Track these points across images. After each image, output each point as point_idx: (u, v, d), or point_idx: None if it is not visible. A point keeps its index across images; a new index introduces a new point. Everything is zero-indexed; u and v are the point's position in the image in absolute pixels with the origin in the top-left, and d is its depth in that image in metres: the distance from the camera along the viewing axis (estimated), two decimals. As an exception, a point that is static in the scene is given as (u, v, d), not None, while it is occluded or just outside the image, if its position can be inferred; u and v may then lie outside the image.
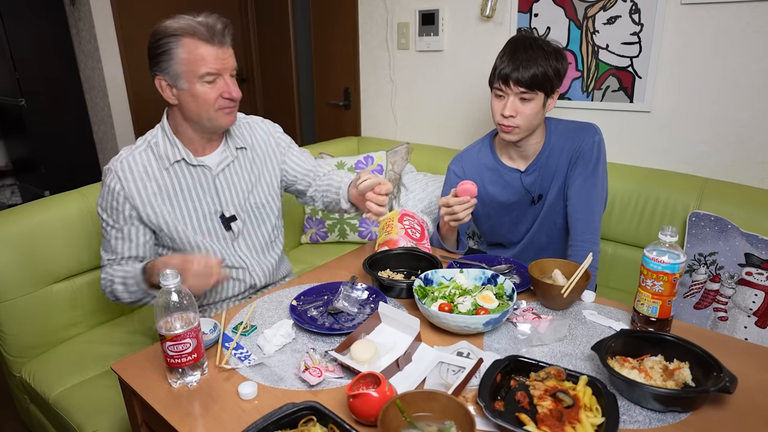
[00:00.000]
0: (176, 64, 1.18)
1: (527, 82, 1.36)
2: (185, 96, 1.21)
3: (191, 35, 1.17)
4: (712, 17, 1.68)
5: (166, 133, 1.29)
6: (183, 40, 1.17)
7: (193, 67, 1.18)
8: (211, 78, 1.20)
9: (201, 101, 1.21)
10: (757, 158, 1.71)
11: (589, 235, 1.47)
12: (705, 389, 0.83)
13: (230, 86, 1.23)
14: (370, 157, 2.35)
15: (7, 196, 4.45)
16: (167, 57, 1.18)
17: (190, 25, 1.17)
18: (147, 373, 0.97)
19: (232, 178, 1.36)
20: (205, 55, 1.18)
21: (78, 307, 1.68)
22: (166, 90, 1.22)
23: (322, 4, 2.91)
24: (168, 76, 1.20)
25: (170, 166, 1.28)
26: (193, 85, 1.19)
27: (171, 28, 1.18)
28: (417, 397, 0.80)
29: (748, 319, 1.48)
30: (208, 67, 1.18)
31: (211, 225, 1.34)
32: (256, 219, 1.42)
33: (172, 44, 1.17)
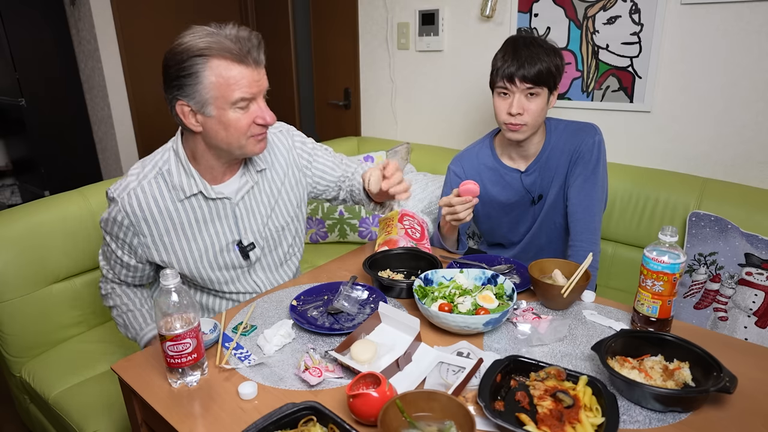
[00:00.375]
0: (204, 88, 1.03)
1: (533, 77, 1.37)
2: (213, 123, 1.07)
3: (222, 55, 1.01)
4: (712, 17, 1.68)
5: (181, 161, 1.15)
6: (212, 62, 1.01)
7: (224, 92, 1.03)
8: (244, 104, 1.06)
9: (232, 129, 1.07)
10: (757, 158, 1.71)
11: (589, 235, 1.47)
12: (705, 389, 0.83)
13: (264, 111, 1.09)
14: (370, 157, 2.35)
15: (7, 196, 4.45)
16: (193, 80, 1.02)
17: (219, 43, 1.01)
18: (147, 373, 0.97)
19: (251, 205, 1.25)
20: (239, 78, 1.03)
21: (78, 307, 1.68)
22: (189, 117, 1.07)
23: (322, 4, 2.91)
24: (193, 102, 1.05)
25: (185, 199, 1.16)
26: (223, 111, 1.05)
27: (197, 47, 1.01)
28: (417, 397, 0.80)
29: (748, 319, 1.48)
30: (242, 91, 1.04)
31: (227, 256, 1.24)
32: (273, 241, 1.32)
33: (198, 66, 1.01)
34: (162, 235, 1.17)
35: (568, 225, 1.52)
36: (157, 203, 1.15)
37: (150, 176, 1.16)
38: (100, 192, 1.73)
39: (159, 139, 1.29)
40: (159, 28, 3.17)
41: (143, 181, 1.15)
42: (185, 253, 1.20)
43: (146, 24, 3.12)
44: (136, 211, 1.14)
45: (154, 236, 1.17)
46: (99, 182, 1.80)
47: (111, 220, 1.17)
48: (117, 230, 1.17)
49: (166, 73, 1.06)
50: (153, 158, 1.19)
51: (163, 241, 1.18)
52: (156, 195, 1.15)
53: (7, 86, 3.48)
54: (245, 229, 1.25)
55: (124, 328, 1.28)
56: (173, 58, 1.03)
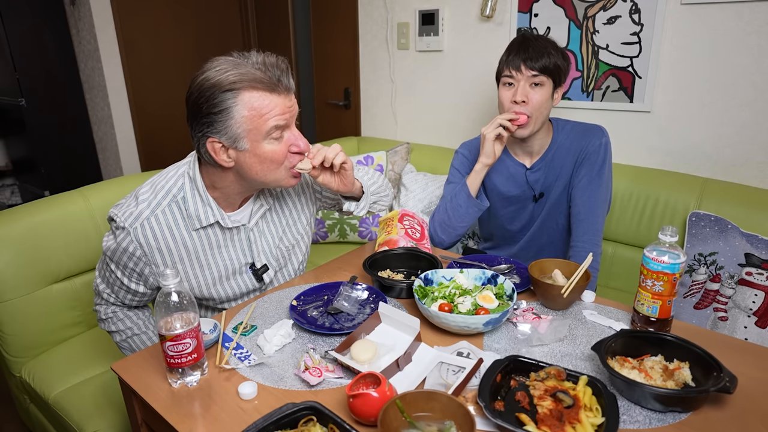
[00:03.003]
0: (236, 123, 0.99)
1: (540, 66, 1.39)
2: (247, 158, 1.03)
3: (253, 86, 0.98)
4: (712, 17, 1.68)
5: (198, 190, 1.10)
6: (243, 95, 0.98)
7: (258, 124, 0.99)
8: (278, 133, 1.03)
9: (269, 162, 1.04)
10: (757, 158, 1.71)
11: (591, 237, 1.47)
12: (705, 389, 0.83)
13: (298, 138, 1.06)
14: (370, 157, 2.35)
15: (7, 196, 4.45)
16: (224, 116, 0.98)
17: (249, 74, 0.97)
18: (147, 373, 0.97)
19: (264, 227, 1.24)
20: (272, 107, 1.00)
21: (78, 307, 1.68)
22: (220, 153, 1.03)
23: (322, 4, 2.91)
24: (225, 138, 1.00)
25: (201, 229, 1.13)
26: (258, 144, 1.01)
27: (227, 81, 0.97)
28: (417, 397, 0.80)
29: (748, 319, 1.47)
30: (275, 120, 1.00)
31: (240, 279, 1.23)
32: (284, 260, 1.31)
33: (230, 101, 0.97)
34: (176, 263, 1.14)
35: (571, 225, 1.52)
36: (171, 233, 1.11)
37: (164, 204, 1.10)
38: (100, 192, 1.72)
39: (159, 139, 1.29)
40: (159, 29, 3.17)
41: (157, 210, 1.09)
42: (198, 279, 1.18)
43: (146, 24, 3.12)
44: (150, 242, 1.09)
45: (168, 264, 1.13)
46: (99, 182, 1.80)
47: (120, 251, 1.10)
48: (126, 260, 1.12)
49: (194, 110, 1.01)
50: (165, 184, 1.12)
51: (176, 268, 1.14)
52: (171, 224, 1.10)
53: (7, 86, 3.48)
54: (258, 252, 1.24)
55: (130, 352, 1.26)
56: (202, 95, 0.98)
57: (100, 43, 2.99)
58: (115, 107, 3.12)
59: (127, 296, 1.21)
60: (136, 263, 1.12)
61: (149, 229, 1.08)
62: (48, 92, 3.37)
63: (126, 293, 1.20)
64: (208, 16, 3.34)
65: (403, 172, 2.38)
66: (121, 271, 1.15)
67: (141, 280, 1.16)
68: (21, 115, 3.43)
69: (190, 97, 1.02)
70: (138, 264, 1.12)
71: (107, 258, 1.15)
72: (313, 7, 2.97)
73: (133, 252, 1.10)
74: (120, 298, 1.22)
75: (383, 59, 2.67)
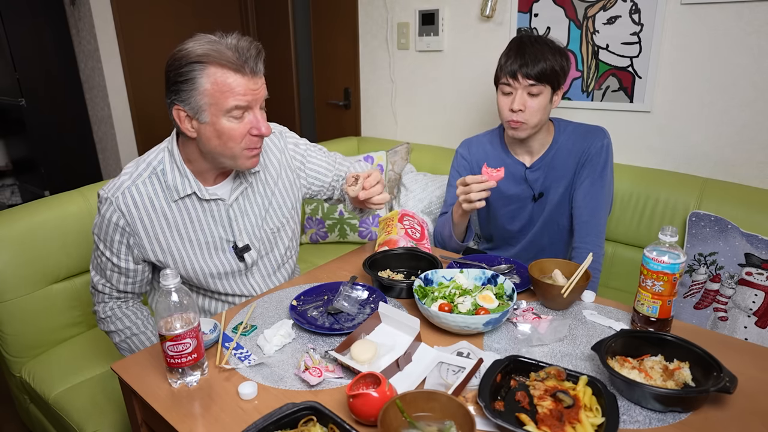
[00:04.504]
0: (199, 95, 1.03)
1: (536, 74, 1.37)
2: (207, 130, 1.07)
3: (219, 63, 1.02)
4: (712, 17, 1.68)
5: (176, 162, 1.15)
6: (209, 69, 1.02)
7: (219, 100, 1.03)
8: (239, 113, 1.06)
9: (226, 138, 1.07)
10: (757, 158, 1.71)
11: (594, 238, 1.47)
12: (705, 389, 0.83)
13: (260, 121, 1.09)
14: (370, 157, 2.35)
15: (7, 196, 4.45)
16: (189, 86, 1.03)
17: (218, 51, 1.02)
18: (147, 373, 0.97)
19: (245, 206, 1.25)
20: (235, 86, 1.03)
21: (78, 307, 1.68)
22: (184, 122, 1.08)
23: (322, 4, 2.91)
24: (189, 108, 1.05)
25: (179, 200, 1.17)
26: (217, 119, 1.05)
27: (195, 54, 1.02)
28: (417, 397, 0.80)
29: (748, 319, 1.47)
30: (236, 99, 1.04)
31: (223, 257, 1.24)
32: (269, 243, 1.32)
33: (195, 72, 1.02)
34: (158, 235, 1.17)
35: (573, 227, 1.52)
36: (152, 202, 1.15)
37: (144, 175, 1.15)
38: (100, 192, 1.73)
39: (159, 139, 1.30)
40: (159, 29, 3.17)
41: (137, 180, 1.15)
42: (181, 253, 1.20)
43: (146, 24, 3.12)
44: (132, 211, 1.13)
45: (150, 236, 1.16)
46: (99, 182, 1.80)
47: (105, 223, 1.15)
48: (112, 233, 1.15)
49: (166, 78, 1.07)
50: (147, 158, 1.18)
51: (159, 240, 1.17)
52: (151, 195, 1.15)
53: (7, 86, 3.48)
54: (240, 230, 1.25)
55: (129, 353, 1.26)
56: (173, 64, 1.05)
57: (100, 43, 2.99)
58: (115, 107, 3.12)
59: (120, 279, 1.22)
60: (121, 234, 1.15)
61: (130, 198, 1.13)
62: (48, 92, 3.37)
63: (119, 276, 1.21)
64: (208, 16, 3.34)
65: (403, 172, 2.38)
66: (109, 250, 1.17)
67: (129, 255, 1.18)
68: (21, 115, 3.43)
69: (165, 66, 1.08)
70: (123, 235, 1.15)
71: (95, 240, 1.19)
72: (313, 7, 2.97)
73: (117, 222, 1.13)
74: (113, 285, 1.23)
75: (383, 59, 2.67)
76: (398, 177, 2.37)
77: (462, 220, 1.52)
